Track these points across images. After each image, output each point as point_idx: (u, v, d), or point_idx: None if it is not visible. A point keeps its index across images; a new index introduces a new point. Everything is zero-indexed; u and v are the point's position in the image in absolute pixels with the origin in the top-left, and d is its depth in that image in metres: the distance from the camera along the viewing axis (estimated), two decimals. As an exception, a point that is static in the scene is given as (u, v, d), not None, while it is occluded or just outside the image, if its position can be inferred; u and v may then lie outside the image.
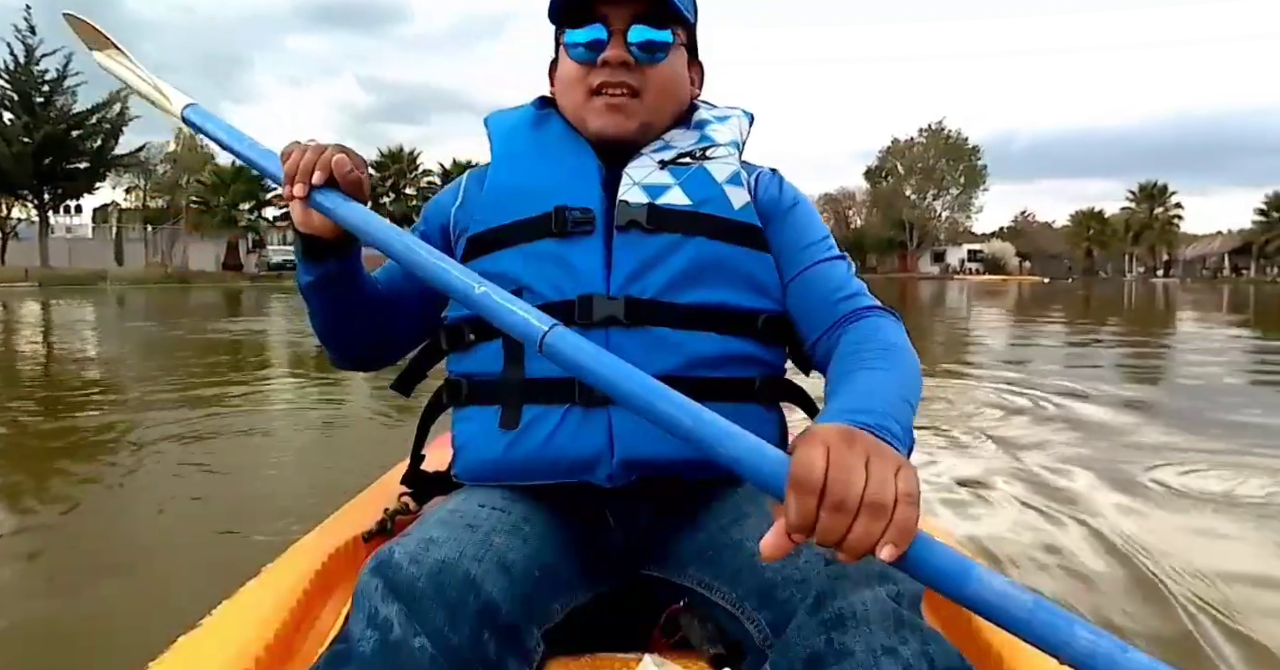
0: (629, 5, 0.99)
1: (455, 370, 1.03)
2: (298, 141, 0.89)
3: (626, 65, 0.99)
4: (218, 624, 0.87)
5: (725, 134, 1.06)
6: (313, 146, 0.87)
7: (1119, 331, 11.51)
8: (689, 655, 0.85)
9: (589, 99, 1.01)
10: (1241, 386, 6.03)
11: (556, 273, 0.96)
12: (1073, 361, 7.48)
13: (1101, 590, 2.01)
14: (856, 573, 0.72)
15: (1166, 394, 5.54)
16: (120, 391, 5.35)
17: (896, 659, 0.65)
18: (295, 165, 0.86)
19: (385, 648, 0.68)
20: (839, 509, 0.58)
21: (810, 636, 0.68)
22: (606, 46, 0.99)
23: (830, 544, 0.59)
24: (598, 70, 1.00)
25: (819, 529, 0.59)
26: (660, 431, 0.88)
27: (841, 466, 0.59)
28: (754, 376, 0.98)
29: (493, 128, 1.10)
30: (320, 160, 0.85)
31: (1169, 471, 3.10)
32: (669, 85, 1.04)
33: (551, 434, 0.92)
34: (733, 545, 0.86)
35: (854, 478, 0.59)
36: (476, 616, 0.72)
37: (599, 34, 0.99)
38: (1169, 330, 11.93)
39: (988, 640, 0.84)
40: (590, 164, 1.02)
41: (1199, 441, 3.68)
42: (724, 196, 1.01)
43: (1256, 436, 3.80)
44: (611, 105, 1.00)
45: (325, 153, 0.86)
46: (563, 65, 1.04)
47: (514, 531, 0.84)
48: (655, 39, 1.00)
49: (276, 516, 2.49)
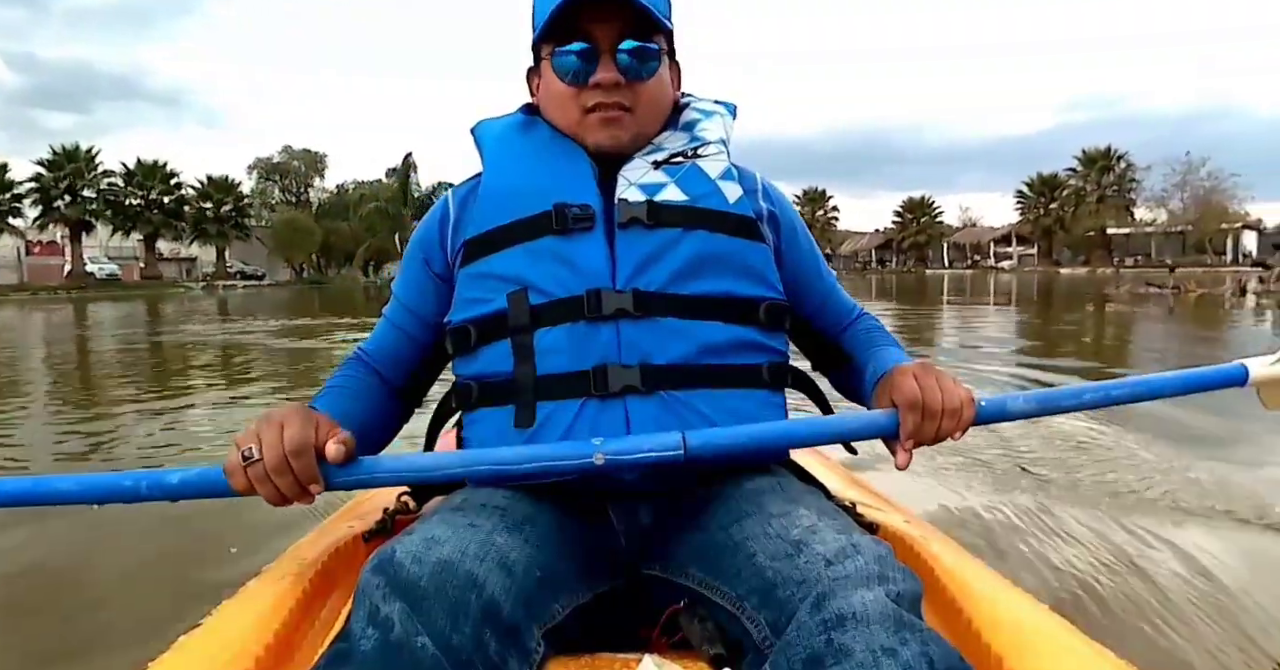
0: (614, 22, 1.00)
1: (463, 374, 1.03)
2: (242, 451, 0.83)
3: (617, 85, 1.00)
4: (218, 624, 0.87)
5: (713, 131, 1.08)
6: (263, 446, 0.83)
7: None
8: (689, 655, 0.85)
9: (583, 116, 1.02)
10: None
11: (561, 269, 0.97)
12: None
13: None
14: (856, 573, 0.72)
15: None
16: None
17: (896, 659, 0.65)
18: (260, 472, 0.83)
19: (386, 647, 0.68)
20: (940, 416, 0.89)
21: (810, 636, 0.69)
22: (596, 66, 1.00)
23: (932, 440, 0.91)
24: (589, 91, 1.01)
25: (925, 433, 0.90)
26: (677, 419, 0.94)
27: (931, 387, 0.90)
28: (761, 363, 1.00)
29: (482, 136, 1.10)
30: (276, 458, 0.82)
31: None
32: (657, 96, 1.06)
33: (569, 428, 0.93)
34: (733, 545, 0.86)
35: (940, 393, 0.90)
36: (478, 616, 0.72)
37: (585, 52, 1.00)
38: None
39: (988, 641, 0.84)
40: (584, 164, 1.03)
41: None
42: (719, 191, 1.03)
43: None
44: (607, 119, 1.02)
45: (276, 448, 0.82)
46: (551, 83, 1.05)
47: (515, 531, 0.84)
48: (643, 54, 1.01)
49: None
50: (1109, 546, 2.27)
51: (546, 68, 1.05)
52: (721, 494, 0.95)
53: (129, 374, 7.39)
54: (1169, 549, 2.23)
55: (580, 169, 1.02)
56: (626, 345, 0.94)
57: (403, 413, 1.13)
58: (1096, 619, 1.81)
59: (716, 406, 0.95)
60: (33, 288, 38.24)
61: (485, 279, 1.00)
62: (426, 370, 1.13)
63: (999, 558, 2.19)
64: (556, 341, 0.95)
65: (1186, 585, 1.99)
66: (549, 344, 0.95)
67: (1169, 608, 1.88)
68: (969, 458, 3.28)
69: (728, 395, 0.97)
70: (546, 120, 1.08)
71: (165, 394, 5.75)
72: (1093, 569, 2.12)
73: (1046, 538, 2.36)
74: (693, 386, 0.95)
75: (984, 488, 2.88)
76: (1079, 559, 2.19)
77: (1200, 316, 12.40)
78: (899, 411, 0.91)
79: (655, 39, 1.03)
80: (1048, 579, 2.08)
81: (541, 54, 1.06)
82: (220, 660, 0.79)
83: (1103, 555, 2.21)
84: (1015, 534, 2.40)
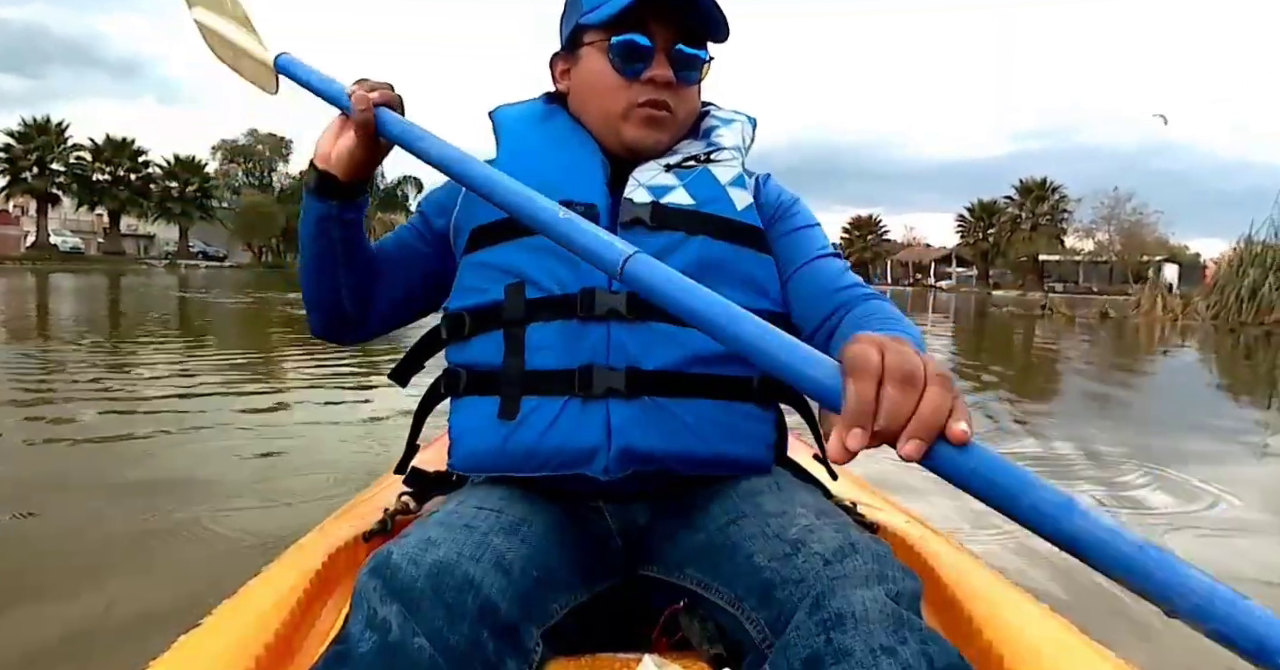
0: (675, 23, 1.00)
1: (454, 360, 1.03)
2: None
3: (669, 85, 1.01)
4: (218, 624, 0.87)
5: (730, 139, 1.08)
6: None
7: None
8: (689, 655, 0.85)
9: (628, 110, 1.02)
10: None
11: (558, 266, 0.97)
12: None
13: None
14: (855, 573, 0.72)
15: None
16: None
17: (896, 659, 0.64)
18: (357, 90, 0.93)
19: (384, 648, 0.68)
20: (908, 382, 0.54)
21: (809, 636, 0.68)
22: (651, 63, 1.00)
23: (897, 428, 0.54)
24: (641, 86, 1.01)
25: (885, 411, 0.54)
26: (658, 425, 0.92)
27: (896, 351, 0.57)
28: (753, 376, 0.99)
29: (500, 121, 1.10)
30: (378, 87, 0.94)
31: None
32: (694, 105, 1.08)
33: (550, 425, 0.93)
34: (730, 545, 0.86)
35: (913, 359, 0.56)
36: (475, 617, 0.72)
37: (644, 43, 1.00)
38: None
39: (988, 640, 0.84)
40: (595, 161, 1.03)
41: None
42: (727, 197, 1.02)
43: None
44: (653, 118, 1.02)
45: (388, 85, 0.95)
46: (599, 71, 1.03)
47: (512, 532, 0.84)
48: (695, 59, 1.02)
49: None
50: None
51: (593, 54, 1.03)
52: (718, 494, 0.95)
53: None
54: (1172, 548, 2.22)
55: (591, 166, 1.02)
56: (615, 347, 0.94)
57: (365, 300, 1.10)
58: (1096, 619, 1.80)
59: (702, 416, 0.94)
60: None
61: (486, 269, 1.00)
62: (425, 347, 1.11)
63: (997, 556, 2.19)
64: (547, 337, 0.95)
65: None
66: (539, 339, 0.96)
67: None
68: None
69: (715, 406, 0.96)
70: (569, 110, 1.08)
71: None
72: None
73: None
74: (679, 395, 0.94)
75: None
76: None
77: (1040, 327, 15.52)
78: (842, 376, 0.58)
79: (705, 48, 1.03)
80: (1048, 577, 2.08)
81: (586, 39, 1.04)
82: (220, 660, 0.79)
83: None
84: (1016, 529, 2.41)
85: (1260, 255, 17.66)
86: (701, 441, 0.94)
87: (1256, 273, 17.33)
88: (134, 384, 5.10)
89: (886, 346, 0.57)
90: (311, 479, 2.89)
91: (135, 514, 2.47)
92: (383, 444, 3.42)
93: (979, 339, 2.39)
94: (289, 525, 2.12)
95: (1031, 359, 9.72)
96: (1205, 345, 12.48)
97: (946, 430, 0.54)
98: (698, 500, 0.96)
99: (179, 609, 1.11)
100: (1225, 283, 18.10)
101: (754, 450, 0.99)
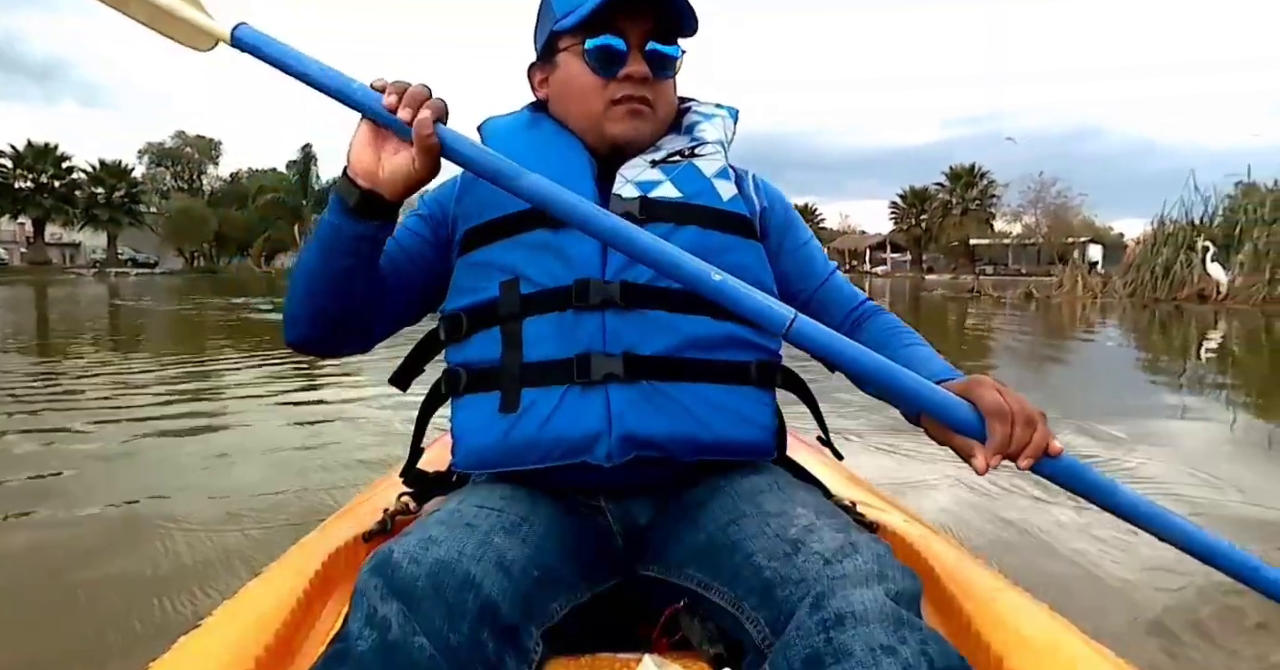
0: (646, 21, 1.02)
1: (454, 361, 1.03)
2: (381, 78, 0.88)
3: (645, 80, 1.03)
4: (218, 624, 0.87)
5: (712, 133, 1.10)
6: (410, 82, 0.87)
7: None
8: (689, 655, 0.85)
9: (608, 108, 1.03)
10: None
11: (552, 261, 0.98)
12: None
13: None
14: (855, 572, 0.73)
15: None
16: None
17: (896, 658, 0.65)
18: (402, 93, 0.86)
19: (384, 647, 0.68)
20: (1029, 424, 0.83)
21: (809, 636, 0.69)
22: (626, 60, 1.02)
23: (1017, 453, 0.83)
24: (618, 84, 1.02)
25: (1018, 443, 0.83)
26: (658, 409, 0.94)
27: (1013, 399, 0.84)
28: (750, 360, 1.01)
29: (488, 131, 1.11)
30: (431, 95, 0.87)
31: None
32: (671, 98, 1.09)
33: (551, 414, 0.93)
34: (730, 545, 0.86)
35: (1028, 406, 0.84)
36: (475, 616, 0.72)
37: (619, 45, 1.01)
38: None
39: (987, 640, 0.84)
40: (583, 161, 1.04)
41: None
42: (713, 189, 1.05)
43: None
44: (634, 111, 1.03)
45: (427, 89, 0.87)
46: (576, 74, 1.05)
47: (513, 531, 0.84)
48: (668, 56, 1.04)
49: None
50: (1110, 543, 2.29)
51: (569, 59, 1.05)
52: (719, 493, 0.96)
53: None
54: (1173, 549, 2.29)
55: (579, 165, 1.04)
56: (611, 335, 0.95)
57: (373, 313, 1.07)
58: (1097, 619, 1.81)
59: (700, 400, 0.96)
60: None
61: (480, 268, 1.01)
62: (424, 350, 1.10)
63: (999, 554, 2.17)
64: (543, 330, 0.96)
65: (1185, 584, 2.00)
66: (536, 332, 0.96)
67: (1170, 606, 1.90)
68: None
69: (713, 389, 0.97)
70: (553, 116, 1.09)
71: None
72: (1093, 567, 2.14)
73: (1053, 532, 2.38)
74: (677, 379, 0.95)
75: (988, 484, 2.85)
76: (1078, 558, 2.21)
77: (972, 308, 16.87)
78: (985, 420, 0.84)
79: (677, 43, 1.05)
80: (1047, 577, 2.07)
81: (561, 46, 1.06)
82: (220, 660, 0.79)
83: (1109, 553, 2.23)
84: (1017, 530, 2.43)
85: (1172, 235, 18.66)
86: (702, 426, 0.95)
87: (1169, 251, 18.31)
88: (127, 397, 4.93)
89: (1006, 395, 0.84)
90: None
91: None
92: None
93: (914, 322, 2.48)
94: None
95: (965, 337, 10.20)
96: (1124, 321, 13.21)
97: (1048, 449, 0.84)
98: (698, 499, 0.97)
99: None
100: (1141, 261, 19.08)
101: (754, 434, 1.00)
